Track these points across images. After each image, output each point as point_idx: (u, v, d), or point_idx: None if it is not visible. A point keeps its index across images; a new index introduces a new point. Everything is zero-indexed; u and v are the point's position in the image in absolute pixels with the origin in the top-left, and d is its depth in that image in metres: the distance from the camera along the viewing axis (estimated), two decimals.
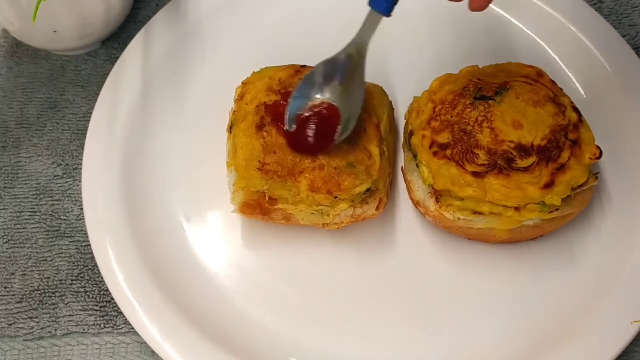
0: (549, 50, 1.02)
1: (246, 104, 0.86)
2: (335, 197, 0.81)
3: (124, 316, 0.83)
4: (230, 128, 0.89)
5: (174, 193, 0.92)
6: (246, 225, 0.90)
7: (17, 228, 0.92)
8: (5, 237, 0.91)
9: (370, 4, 0.75)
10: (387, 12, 0.75)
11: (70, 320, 0.86)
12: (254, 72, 0.91)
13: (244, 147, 0.83)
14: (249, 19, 1.05)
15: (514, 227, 0.82)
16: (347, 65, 0.81)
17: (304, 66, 0.90)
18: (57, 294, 0.88)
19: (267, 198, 0.83)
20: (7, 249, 0.91)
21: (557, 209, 0.80)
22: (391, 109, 0.93)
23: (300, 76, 0.87)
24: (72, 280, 0.88)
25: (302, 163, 0.81)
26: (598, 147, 0.82)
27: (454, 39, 1.03)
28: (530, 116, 0.82)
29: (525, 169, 0.80)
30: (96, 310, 0.87)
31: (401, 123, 0.95)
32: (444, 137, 0.83)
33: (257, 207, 0.83)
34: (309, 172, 0.81)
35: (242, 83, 0.90)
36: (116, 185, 0.90)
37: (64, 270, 0.89)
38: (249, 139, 0.83)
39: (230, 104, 0.91)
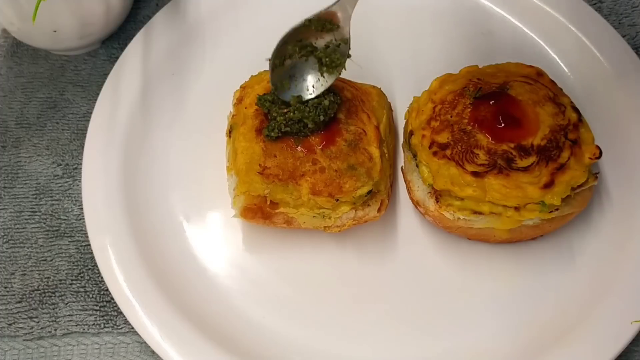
0: (549, 50, 1.02)
1: (245, 108, 0.86)
2: (337, 199, 0.81)
3: (124, 316, 0.83)
4: (230, 132, 0.88)
5: (174, 193, 0.92)
6: (247, 227, 0.90)
7: (17, 228, 0.92)
8: (5, 237, 0.91)
9: None
10: None
11: (70, 320, 0.86)
12: (252, 75, 0.91)
13: (244, 151, 0.82)
14: (248, 19, 1.05)
15: (514, 227, 0.82)
16: None
17: None
18: (57, 294, 0.88)
19: (268, 202, 0.82)
20: (7, 249, 0.90)
21: (557, 209, 0.80)
22: (390, 110, 0.93)
23: None
24: (72, 280, 0.88)
25: (303, 166, 0.81)
26: (598, 147, 0.82)
27: (454, 39, 1.03)
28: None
29: (525, 169, 0.80)
30: (96, 310, 0.87)
31: (401, 123, 0.95)
32: (443, 137, 0.83)
33: (259, 211, 0.83)
34: (310, 175, 0.81)
35: (241, 87, 0.90)
36: (116, 185, 0.90)
37: (64, 270, 0.89)
38: (249, 142, 0.83)
39: (230, 103, 0.91)
